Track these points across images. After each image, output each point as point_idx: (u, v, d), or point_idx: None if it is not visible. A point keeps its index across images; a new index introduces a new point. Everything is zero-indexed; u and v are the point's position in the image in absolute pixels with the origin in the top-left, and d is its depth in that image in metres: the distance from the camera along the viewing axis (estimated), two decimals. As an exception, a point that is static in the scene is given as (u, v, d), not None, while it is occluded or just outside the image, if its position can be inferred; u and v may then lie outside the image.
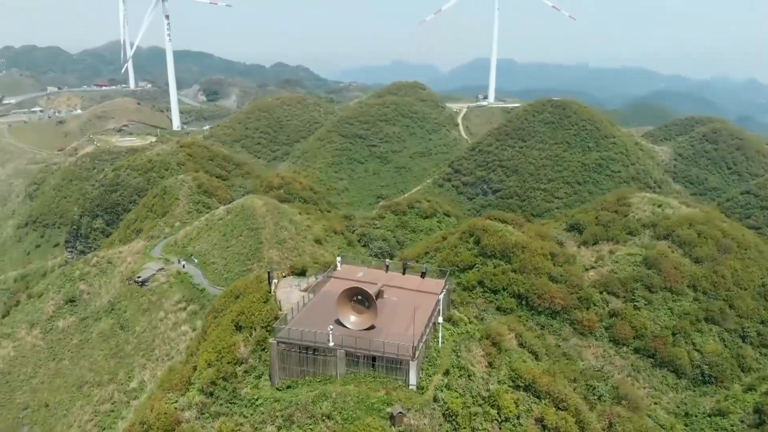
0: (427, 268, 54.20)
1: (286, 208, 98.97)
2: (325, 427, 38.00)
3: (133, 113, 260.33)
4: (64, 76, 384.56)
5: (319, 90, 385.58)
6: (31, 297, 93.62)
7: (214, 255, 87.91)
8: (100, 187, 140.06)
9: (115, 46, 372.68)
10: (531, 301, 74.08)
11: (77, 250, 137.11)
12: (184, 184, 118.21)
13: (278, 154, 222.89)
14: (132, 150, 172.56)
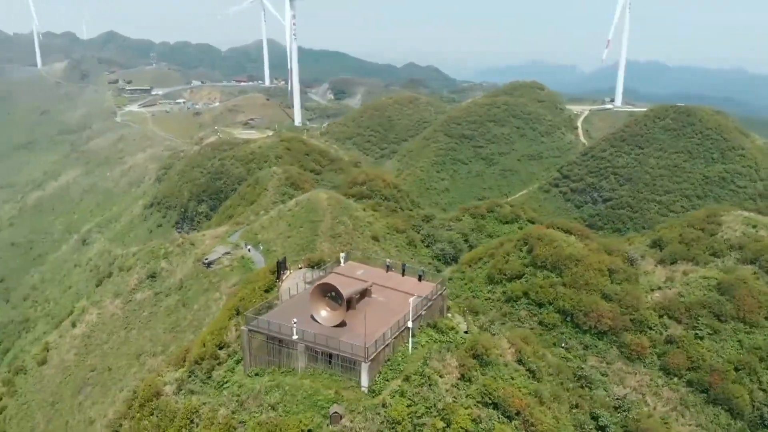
0: (423, 271, 52.72)
1: (350, 204, 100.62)
2: (267, 416, 38.59)
3: (261, 108, 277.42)
4: (211, 71, 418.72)
5: (444, 90, 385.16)
6: (121, 270, 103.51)
7: (277, 243, 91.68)
8: (207, 175, 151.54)
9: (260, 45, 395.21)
10: (576, 318, 69.24)
11: (184, 231, 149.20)
12: (274, 176, 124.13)
13: (386, 152, 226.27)
14: (247, 142, 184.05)
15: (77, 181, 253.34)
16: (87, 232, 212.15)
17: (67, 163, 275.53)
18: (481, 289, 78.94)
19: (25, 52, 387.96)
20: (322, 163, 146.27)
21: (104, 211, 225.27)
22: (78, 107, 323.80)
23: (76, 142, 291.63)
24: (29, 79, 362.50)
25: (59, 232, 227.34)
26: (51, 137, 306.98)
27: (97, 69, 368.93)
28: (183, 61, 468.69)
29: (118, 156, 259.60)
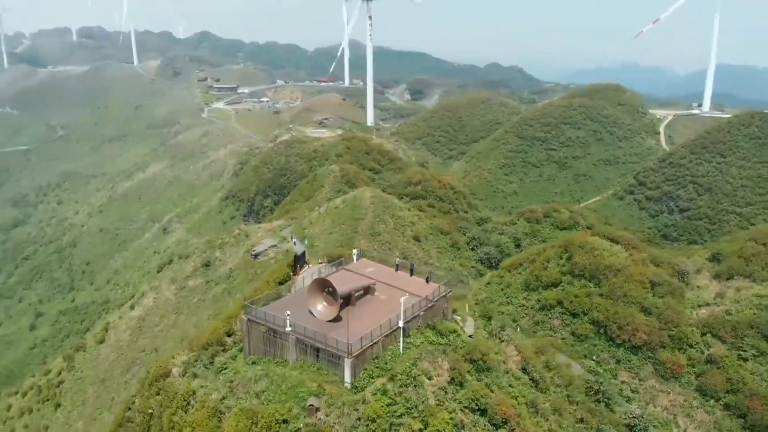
0: (431, 273, 52.22)
1: (393, 203, 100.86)
2: (249, 403, 39.82)
3: (336, 108, 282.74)
4: (296, 71, 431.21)
5: (525, 91, 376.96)
6: (180, 258, 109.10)
7: (320, 239, 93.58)
8: (273, 171, 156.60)
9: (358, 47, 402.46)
10: (610, 330, 66.20)
11: (250, 224, 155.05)
12: (331, 174, 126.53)
13: (455, 153, 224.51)
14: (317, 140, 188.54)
15: (163, 173, 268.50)
16: (168, 221, 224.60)
17: (155, 156, 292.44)
18: (516, 295, 76.99)
19: (124, 49, 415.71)
20: (382, 162, 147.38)
21: (185, 202, 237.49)
22: (168, 103, 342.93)
23: (164, 136, 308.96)
24: (125, 76, 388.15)
25: (143, 220, 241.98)
26: (142, 131, 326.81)
27: (188, 67, 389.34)
28: (270, 61, 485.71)
29: (201, 150, 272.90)
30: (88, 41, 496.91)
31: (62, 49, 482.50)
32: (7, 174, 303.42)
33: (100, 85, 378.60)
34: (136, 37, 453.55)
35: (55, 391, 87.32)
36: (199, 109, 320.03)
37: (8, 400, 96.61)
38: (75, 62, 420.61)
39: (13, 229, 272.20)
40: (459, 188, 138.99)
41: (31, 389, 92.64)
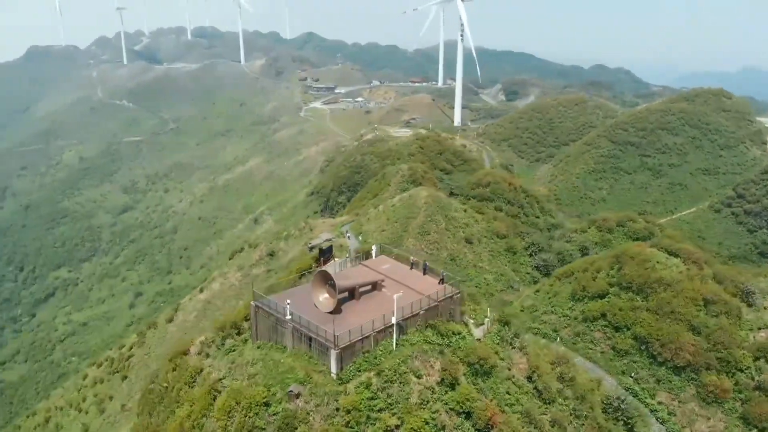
0: (445, 274, 51.82)
1: (449, 203, 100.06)
2: (240, 384, 41.83)
3: (425, 108, 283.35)
4: (394, 72, 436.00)
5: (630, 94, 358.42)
6: (251, 246, 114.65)
7: (373, 236, 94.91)
8: (349, 168, 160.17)
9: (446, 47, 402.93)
10: (652, 347, 62.65)
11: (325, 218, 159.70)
12: (399, 173, 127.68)
13: (542, 156, 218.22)
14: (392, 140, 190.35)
15: (259, 168, 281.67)
16: (259, 213, 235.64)
17: (255, 151, 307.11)
18: (562, 305, 74.39)
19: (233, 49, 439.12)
20: (454, 162, 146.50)
21: (276, 195, 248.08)
22: (270, 101, 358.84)
23: (265, 133, 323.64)
24: (232, 74, 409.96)
25: (238, 211, 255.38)
26: (246, 127, 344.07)
27: (290, 67, 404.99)
28: (371, 62, 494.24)
29: (295, 147, 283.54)
30: (201, 40, 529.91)
31: (177, 47, 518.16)
32: (121, 162, 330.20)
33: (210, 83, 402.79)
34: (246, 37, 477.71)
35: (125, 364, 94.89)
36: (298, 108, 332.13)
37: (87, 369, 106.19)
38: (188, 60, 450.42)
39: (123, 213, 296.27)
40: (533, 192, 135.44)
41: (105, 361, 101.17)
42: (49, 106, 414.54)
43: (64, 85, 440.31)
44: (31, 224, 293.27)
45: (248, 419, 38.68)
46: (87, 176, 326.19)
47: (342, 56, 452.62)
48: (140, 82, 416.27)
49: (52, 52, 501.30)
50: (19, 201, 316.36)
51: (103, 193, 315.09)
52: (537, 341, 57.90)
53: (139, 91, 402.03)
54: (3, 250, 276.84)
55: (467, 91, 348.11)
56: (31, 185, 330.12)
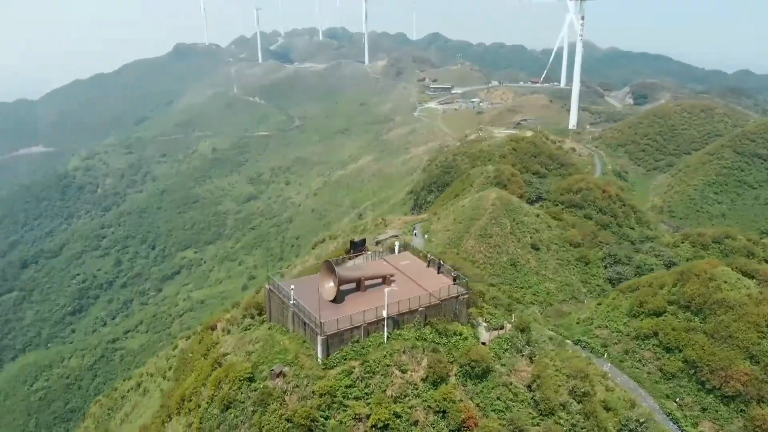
0: (458, 275, 51.23)
1: (521, 207, 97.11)
2: (238, 359, 44.72)
3: (539, 110, 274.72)
4: (518, 72, 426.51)
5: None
6: (331, 238, 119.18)
7: (437, 235, 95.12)
8: (440, 168, 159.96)
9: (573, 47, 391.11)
10: (701, 373, 57.73)
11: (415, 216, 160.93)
12: (483, 174, 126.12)
13: (661, 164, 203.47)
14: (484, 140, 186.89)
15: (369, 165, 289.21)
16: (363, 208, 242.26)
17: (368, 149, 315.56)
18: (618, 319, 70.29)
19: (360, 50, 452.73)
20: (550, 166, 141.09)
21: (381, 192, 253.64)
22: (388, 101, 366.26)
23: (379, 132, 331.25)
24: (356, 74, 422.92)
25: (346, 206, 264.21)
26: (363, 126, 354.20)
27: (410, 67, 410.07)
28: (494, 62, 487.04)
29: (405, 146, 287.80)
30: (331, 41, 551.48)
31: (308, 47, 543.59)
32: (249, 155, 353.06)
33: (334, 82, 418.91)
34: (373, 38, 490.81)
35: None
36: (413, 108, 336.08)
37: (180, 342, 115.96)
38: (317, 60, 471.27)
39: (247, 202, 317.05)
40: (630, 201, 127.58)
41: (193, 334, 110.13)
42: (190, 100, 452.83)
43: (205, 81, 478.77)
44: (165, 207, 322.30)
45: (231, 391, 41.49)
46: (218, 166, 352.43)
47: (462, 56, 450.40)
48: (272, 80, 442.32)
49: (195, 50, 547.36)
50: (157, 185, 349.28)
51: (230, 182, 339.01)
52: (561, 353, 55.46)
53: (271, 89, 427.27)
54: (139, 229, 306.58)
55: (592, 93, 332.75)
56: (168, 171, 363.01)
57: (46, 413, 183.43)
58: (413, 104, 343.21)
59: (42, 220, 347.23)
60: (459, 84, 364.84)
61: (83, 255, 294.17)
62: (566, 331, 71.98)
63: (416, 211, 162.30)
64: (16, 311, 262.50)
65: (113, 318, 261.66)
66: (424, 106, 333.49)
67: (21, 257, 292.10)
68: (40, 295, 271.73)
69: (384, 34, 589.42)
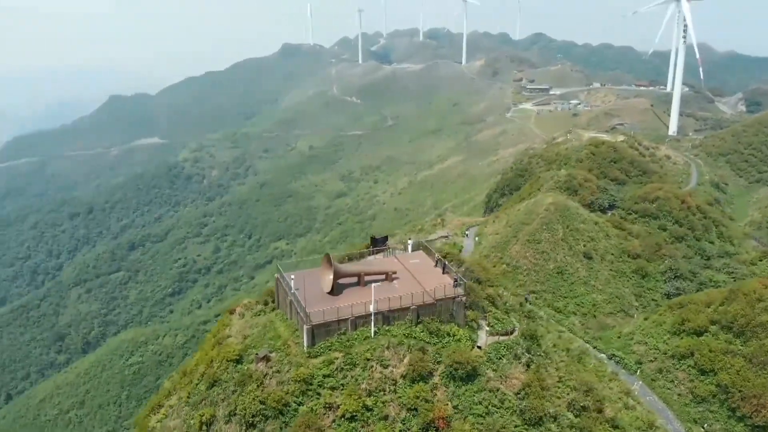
0: (458, 276, 50.66)
1: (578, 213, 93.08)
2: (233, 341, 47.21)
3: (638, 114, 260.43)
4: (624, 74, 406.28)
5: None
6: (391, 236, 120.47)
7: (488, 238, 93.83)
8: (515, 170, 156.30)
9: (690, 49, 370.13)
10: (732, 399, 53.64)
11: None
12: (553, 178, 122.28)
13: (765, 176, 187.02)
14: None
15: (455, 166, 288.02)
16: (444, 209, 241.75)
17: (457, 150, 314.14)
18: (658, 336, 66.43)
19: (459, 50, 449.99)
20: (630, 173, 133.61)
21: (463, 194, 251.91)
22: (482, 102, 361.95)
23: (470, 133, 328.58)
24: (451, 74, 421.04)
25: (428, 206, 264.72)
26: (455, 126, 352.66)
27: (508, 67, 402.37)
28: (599, 63, 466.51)
29: (493, 148, 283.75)
30: (431, 41, 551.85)
31: (408, 48, 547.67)
32: (343, 153, 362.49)
33: (429, 82, 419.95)
34: (473, 38, 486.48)
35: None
36: (506, 109, 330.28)
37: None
38: (415, 60, 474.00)
39: (337, 198, 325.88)
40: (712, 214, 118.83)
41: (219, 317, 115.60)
42: (293, 99, 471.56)
43: (308, 81, 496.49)
44: (263, 200, 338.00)
45: (219, 371, 44.00)
46: (313, 163, 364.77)
47: (562, 57, 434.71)
48: (369, 80, 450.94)
49: (301, 50, 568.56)
50: (257, 179, 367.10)
51: (324, 179, 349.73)
52: (570, 363, 53.46)
53: (367, 89, 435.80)
54: (238, 219, 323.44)
55: (702, 98, 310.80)
56: (269, 166, 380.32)
57: (138, 386, 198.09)
58: (507, 105, 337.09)
59: (152, 207, 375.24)
60: (558, 85, 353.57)
61: (186, 241, 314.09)
62: (605, 345, 69.09)
63: (488, 214, 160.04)
64: (122, 290, 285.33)
65: (208, 301, 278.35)
66: (519, 107, 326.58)
67: (130, 240, 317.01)
68: (144, 276, 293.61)
69: (486, 34, 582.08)
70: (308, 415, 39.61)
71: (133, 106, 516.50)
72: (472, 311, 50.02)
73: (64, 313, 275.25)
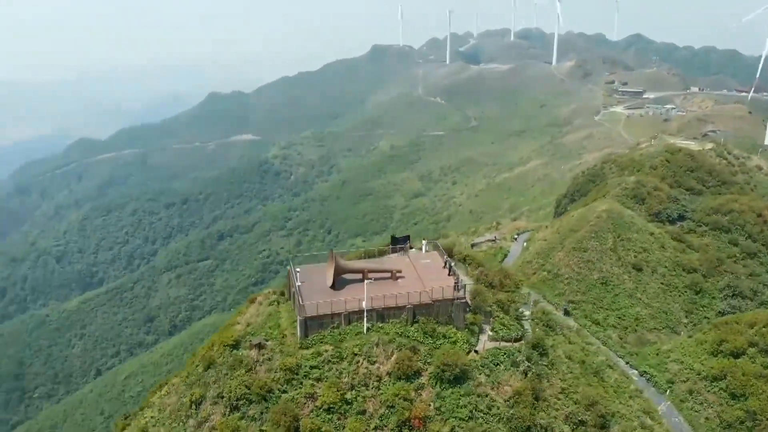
0: (460, 279, 50.11)
1: (633, 223, 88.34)
2: (240, 327, 49.50)
3: (733, 121, 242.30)
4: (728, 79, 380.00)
5: None
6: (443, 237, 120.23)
7: (536, 244, 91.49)
8: (587, 175, 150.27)
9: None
10: (759, 427, 50.16)
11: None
12: (619, 185, 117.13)
13: None
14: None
15: (536, 169, 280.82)
16: (519, 213, 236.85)
17: (540, 153, 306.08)
18: (696, 356, 62.55)
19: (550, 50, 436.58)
20: (707, 182, 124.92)
21: (543, 198, 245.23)
22: (570, 104, 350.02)
23: (555, 135, 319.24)
24: (540, 75, 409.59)
25: (504, 209, 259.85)
26: (540, 128, 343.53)
27: (599, 69, 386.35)
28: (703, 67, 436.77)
29: (578, 152, 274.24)
30: (522, 42, 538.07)
31: (497, 48, 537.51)
32: (423, 153, 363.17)
33: (516, 83, 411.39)
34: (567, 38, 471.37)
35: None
36: (595, 112, 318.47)
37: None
38: (504, 61, 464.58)
39: (414, 198, 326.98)
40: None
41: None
42: (379, 99, 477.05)
43: (395, 81, 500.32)
44: (343, 197, 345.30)
45: (216, 354, 46.32)
46: (393, 162, 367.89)
47: (658, 59, 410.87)
48: (455, 80, 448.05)
49: (390, 52, 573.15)
50: (340, 177, 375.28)
51: (402, 178, 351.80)
52: (581, 376, 51.47)
53: (453, 89, 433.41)
54: (319, 215, 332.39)
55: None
56: (351, 165, 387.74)
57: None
58: (596, 108, 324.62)
59: (242, 200, 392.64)
60: (652, 88, 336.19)
61: (270, 233, 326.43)
62: (640, 361, 65.92)
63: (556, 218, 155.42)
64: (209, 277, 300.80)
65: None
66: (609, 111, 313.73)
67: (219, 230, 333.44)
68: (230, 264, 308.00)
69: (580, 35, 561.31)
70: (287, 403, 41.04)
71: (229, 103, 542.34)
72: (475, 315, 49.51)
73: (155, 297, 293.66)
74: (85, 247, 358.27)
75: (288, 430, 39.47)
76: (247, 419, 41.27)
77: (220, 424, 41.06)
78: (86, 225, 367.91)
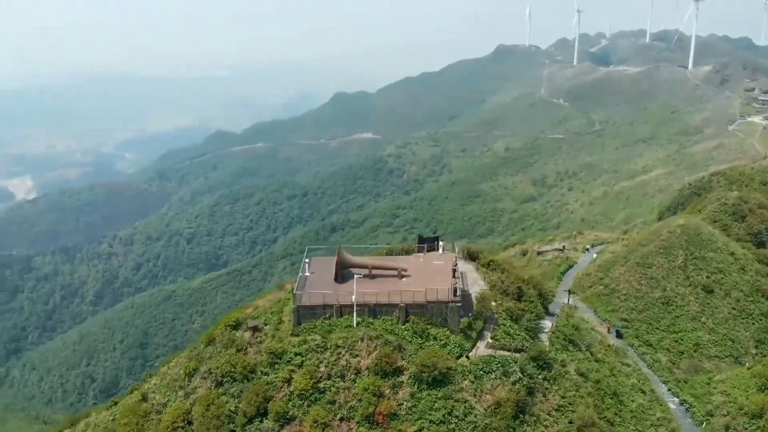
0: (456, 282, 49.17)
1: (712, 240, 79.97)
2: (249, 310, 52.50)
3: None
4: None
5: None
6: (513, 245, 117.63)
7: (605, 256, 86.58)
8: (692, 188, 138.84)
9: None
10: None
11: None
12: (718, 200, 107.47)
13: None
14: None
15: (658, 179, 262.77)
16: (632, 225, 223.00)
17: (666, 162, 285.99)
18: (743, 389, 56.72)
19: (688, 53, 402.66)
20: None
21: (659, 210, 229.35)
22: (703, 111, 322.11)
23: (683, 144, 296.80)
24: (673, 79, 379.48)
25: (618, 220, 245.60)
26: (669, 136, 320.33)
27: (739, 75, 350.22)
28: None
29: (705, 163, 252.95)
30: (658, 44, 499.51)
31: (630, 49, 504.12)
32: (539, 156, 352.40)
33: (647, 87, 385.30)
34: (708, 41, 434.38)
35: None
36: (730, 121, 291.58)
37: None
38: (635, 63, 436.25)
39: (525, 203, 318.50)
40: None
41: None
42: (499, 100, 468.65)
43: (517, 82, 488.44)
44: (451, 197, 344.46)
45: (217, 332, 49.62)
46: (506, 165, 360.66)
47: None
48: (579, 82, 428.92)
49: (515, 52, 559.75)
50: (450, 177, 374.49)
51: (514, 181, 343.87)
52: (588, 395, 48.58)
53: (576, 91, 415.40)
54: (426, 214, 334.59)
55: None
56: (463, 165, 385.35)
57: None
58: (732, 116, 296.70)
59: (356, 195, 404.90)
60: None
61: (378, 229, 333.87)
62: (688, 389, 60.96)
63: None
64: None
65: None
66: (745, 120, 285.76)
67: (332, 223, 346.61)
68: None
69: (724, 38, 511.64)
70: (263, 385, 43.18)
71: (354, 102, 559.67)
72: (474, 320, 48.73)
73: (270, 281, 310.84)
74: (213, 231, 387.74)
75: (257, 409, 41.72)
76: (228, 395, 44.02)
77: (201, 397, 44.22)
78: (216, 211, 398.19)
